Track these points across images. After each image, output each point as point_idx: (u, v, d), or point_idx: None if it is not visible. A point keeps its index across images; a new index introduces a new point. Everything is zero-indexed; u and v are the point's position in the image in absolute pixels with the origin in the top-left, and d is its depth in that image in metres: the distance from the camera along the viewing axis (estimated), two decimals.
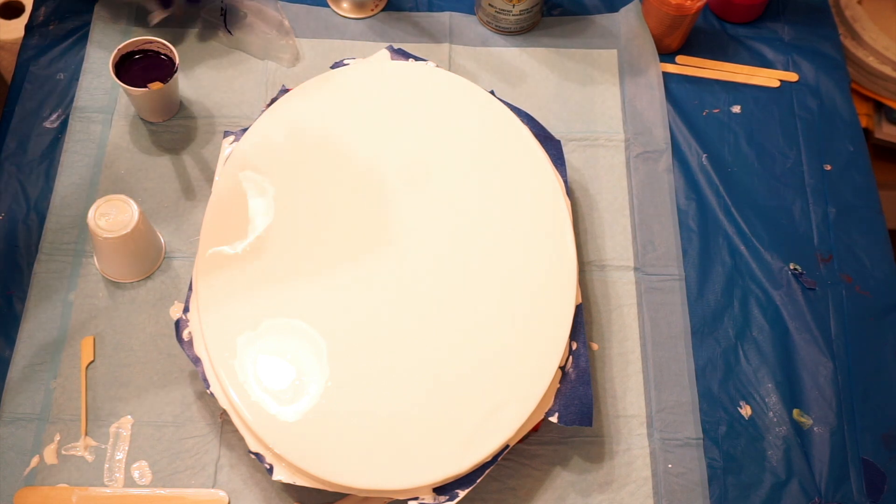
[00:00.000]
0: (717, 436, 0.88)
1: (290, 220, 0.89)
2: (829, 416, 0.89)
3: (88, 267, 0.93)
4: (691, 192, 1.01)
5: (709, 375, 0.91)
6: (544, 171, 0.93)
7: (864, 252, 0.99)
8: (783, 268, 0.97)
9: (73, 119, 1.01)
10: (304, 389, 0.81)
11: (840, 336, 0.94)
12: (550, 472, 0.86)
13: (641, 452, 0.87)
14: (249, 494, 0.83)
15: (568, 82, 1.08)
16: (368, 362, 0.83)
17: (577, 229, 0.98)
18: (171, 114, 1.02)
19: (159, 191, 0.98)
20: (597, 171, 1.02)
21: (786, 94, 1.09)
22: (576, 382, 0.84)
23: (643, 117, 1.05)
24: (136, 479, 0.83)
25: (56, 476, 0.83)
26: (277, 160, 0.93)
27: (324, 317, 0.85)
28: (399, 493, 0.80)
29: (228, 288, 0.85)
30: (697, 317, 0.94)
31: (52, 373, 0.88)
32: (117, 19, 1.08)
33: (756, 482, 0.86)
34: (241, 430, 0.81)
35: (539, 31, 1.12)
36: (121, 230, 0.86)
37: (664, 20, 1.07)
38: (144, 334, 0.90)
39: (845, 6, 1.28)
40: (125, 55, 0.98)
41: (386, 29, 1.10)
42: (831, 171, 1.04)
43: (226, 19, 1.07)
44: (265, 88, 1.05)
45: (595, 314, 0.94)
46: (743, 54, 1.12)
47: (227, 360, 0.82)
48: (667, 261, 0.97)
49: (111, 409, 0.86)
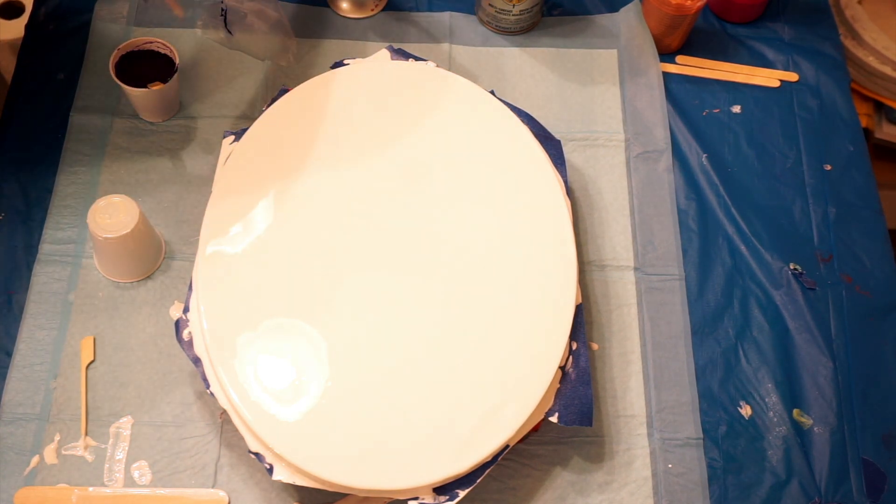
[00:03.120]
0: (717, 436, 0.88)
1: (290, 220, 0.89)
2: (829, 416, 0.89)
3: (88, 267, 0.93)
4: (691, 192, 1.01)
5: (709, 375, 0.91)
6: (544, 171, 0.93)
7: (864, 252, 0.99)
8: (783, 268, 0.97)
9: (73, 119, 1.01)
10: (304, 389, 0.81)
11: (840, 336, 0.94)
12: (550, 472, 0.86)
13: (641, 452, 0.87)
14: (249, 494, 0.83)
15: (568, 82, 1.08)
16: (368, 362, 0.83)
17: (577, 229, 0.98)
18: (171, 114, 1.02)
19: (159, 191, 0.98)
20: (597, 171, 1.02)
21: (786, 94, 1.09)
22: (576, 382, 0.84)
23: (643, 117, 1.05)
24: (136, 479, 0.83)
25: (56, 476, 0.83)
26: (277, 160, 0.93)
27: (324, 317, 0.85)
28: (399, 493, 0.80)
29: (228, 288, 0.85)
30: (697, 317, 0.94)
31: (52, 373, 0.88)
32: (117, 19, 1.08)
33: (756, 482, 0.86)
34: (241, 430, 0.81)
35: (539, 31, 1.12)
36: (121, 230, 0.86)
37: (664, 20, 1.07)
38: (144, 334, 0.90)
39: (845, 6, 1.28)
40: (125, 55, 0.98)
41: (386, 29, 1.10)
42: (831, 171, 1.04)
43: (226, 19, 1.07)
44: (265, 88, 1.05)
45: (595, 314, 0.94)
46: (743, 54, 1.12)
47: (227, 360, 0.82)
48: (667, 261, 0.97)
49: (111, 409, 0.86)
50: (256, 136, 0.93)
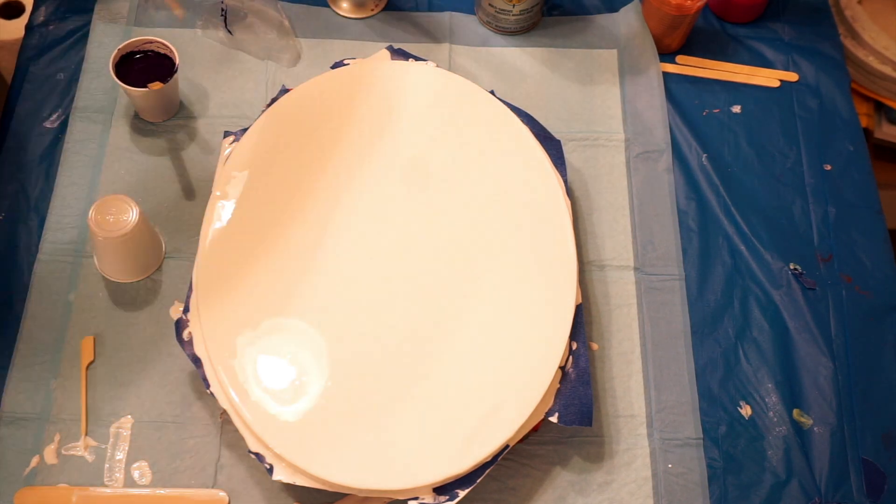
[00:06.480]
0: (717, 436, 0.88)
1: (290, 220, 0.89)
2: (829, 416, 0.89)
3: (88, 267, 0.93)
4: (691, 192, 1.01)
5: (709, 375, 0.91)
6: (544, 171, 0.93)
7: (864, 252, 0.99)
8: (783, 268, 0.97)
9: (73, 119, 1.01)
10: (304, 389, 0.81)
11: (840, 336, 0.94)
12: (550, 472, 0.86)
13: (641, 452, 0.87)
14: (249, 494, 0.83)
15: (568, 82, 1.08)
16: (368, 362, 0.83)
17: (577, 229, 0.98)
18: (171, 114, 1.02)
19: (159, 191, 0.98)
20: (597, 171, 1.02)
21: (786, 94, 1.09)
22: (576, 382, 0.84)
23: (643, 117, 1.05)
24: (136, 479, 0.83)
25: (56, 476, 0.83)
26: (277, 160, 0.93)
27: (324, 317, 0.85)
28: (399, 493, 0.80)
29: (228, 288, 0.85)
30: (697, 317, 0.94)
31: (53, 373, 0.87)
32: (117, 19, 1.08)
33: (756, 482, 0.86)
34: (241, 430, 0.81)
35: (539, 31, 1.12)
36: (121, 230, 0.86)
37: (664, 20, 1.07)
38: (144, 334, 0.90)
39: (845, 6, 1.28)
40: (125, 55, 0.98)
41: (386, 29, 1.10)
42: (831, 171, 1.04)
43: (226, 19, 1.07)
44: (265, 88, 1.05)
45: (595, 314, 0.94)
46: (743, 54, 1.12)
47: (227, 360, 0.82)
48: (667, 261, 0.97)
49: (111, 409, 0.86)
50: (256, 136, 0.93)
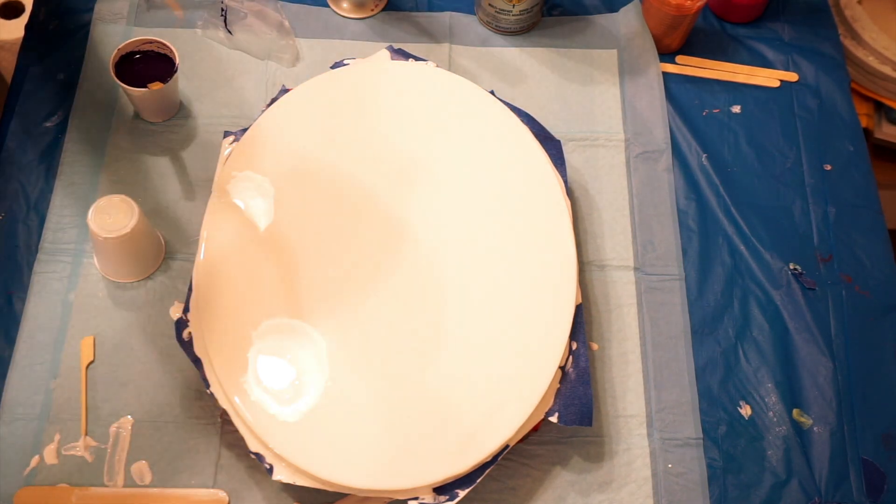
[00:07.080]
0: (717, 436, 0.88)
1: (290, 220, 0.90)
2: (828, 416, 0.89)
3: (88, 267, 0.93)
4: (691, 192, 1.01)
5: (709, 375, 0.91)
6: (544, 171, 0.93)
7: (864, 252, 0.99)
8: (783, 268, 0.97)
9: (73, 119, 1.01)
10: (304, 389, 0.81)
11: (840, 336, 0.94)
12: (550, 472, 0.86)
13: (641, 452, 0.87)
14: (249, 494, 0.83)
15: (568, 82, 1.08)
16: (368, 362, 0.83)
17: (577, 229, 0.98)
18: (171, 114, 1.02)
19: (159, 191, 0.98)
20: (597, 171, 1.02)
21: (786, 94, 1.09)
22: (576, 382, 0.84)
23: (643, 117, 1.05)
24: (136, 479, 0.83)
25: (56, 476, 0.83)
26: (277, 160, 0.93)
27: (324, 317, 0.85)
28: (399, 493, 0.80)
29: (228, 288, 0.85)
30: (697, 317, 0.94)
31: (52, 373, 0.87)
32: (117, 19, 1.08)
33: (756, 482, 0.87)
34: (241, 430, 0.81)
35: (539, 31, 1.12)
36: (121, 230, 0.86)
37: (664, 20, 1.07)
38: (144, 334, 0.90)
39: (845, 6, 1.28)
40: (125, 55, 0.98)
41: (386, 29, 1.10)
42: (831, 171, 1.04)
43: (226, 19, 1.07)
44: (265, 88, 1.05)
45: (595, 314, 0.94)
46: (743, 54, 1.12)
47: (227, 361, 0.82)
48: (667, 261, 0.97)
49: (111, 409, 0.86)
50: (256, 136, 0.94)
